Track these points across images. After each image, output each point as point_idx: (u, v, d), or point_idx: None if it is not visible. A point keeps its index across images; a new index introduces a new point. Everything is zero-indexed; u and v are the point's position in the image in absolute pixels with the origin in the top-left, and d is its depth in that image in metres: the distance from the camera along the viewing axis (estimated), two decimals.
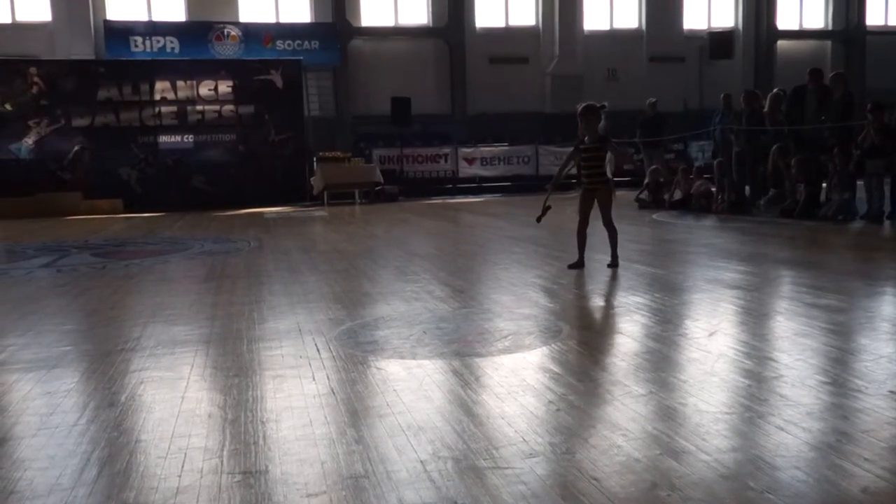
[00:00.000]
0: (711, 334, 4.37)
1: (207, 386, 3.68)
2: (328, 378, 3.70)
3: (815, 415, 3.02)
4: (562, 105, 22.38)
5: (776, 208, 11.53)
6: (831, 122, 10.91)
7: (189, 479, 2.57)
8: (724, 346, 4.12)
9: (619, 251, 6.92)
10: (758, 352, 3.99)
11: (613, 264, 6.76)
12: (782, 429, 2.86)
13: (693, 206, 12.69)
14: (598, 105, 6.79)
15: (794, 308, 5.04)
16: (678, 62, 23.82)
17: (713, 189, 12.93)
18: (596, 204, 6.81)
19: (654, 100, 15.67)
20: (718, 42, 23.84)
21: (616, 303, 5.33)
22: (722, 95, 14.79)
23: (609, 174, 7.04)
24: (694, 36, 24.19)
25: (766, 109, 12.31)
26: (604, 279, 6.38)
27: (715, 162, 12.86)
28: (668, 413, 3.09)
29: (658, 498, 2.34)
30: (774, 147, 11.72)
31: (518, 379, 3.60)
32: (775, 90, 12.71)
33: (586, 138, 6.81)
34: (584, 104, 6.79)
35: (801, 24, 25.71)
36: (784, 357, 3.84)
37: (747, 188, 12.62)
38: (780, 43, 25.14)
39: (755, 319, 4.89)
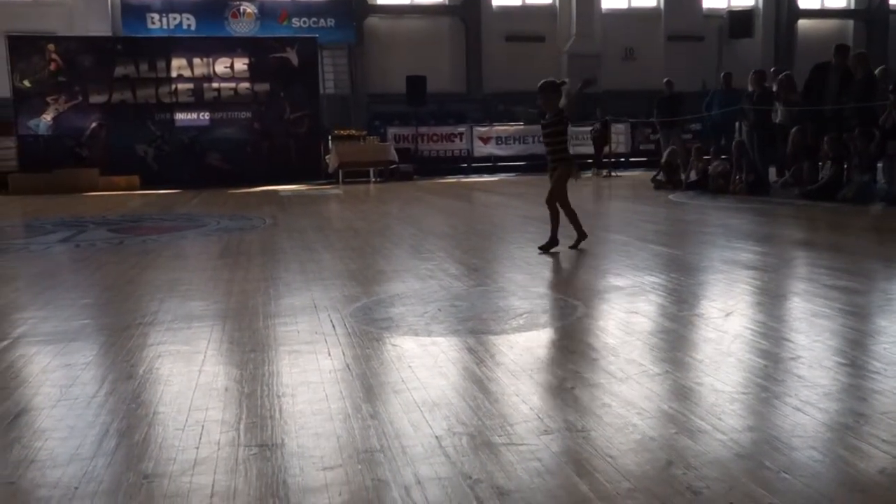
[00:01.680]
0: (728, 315, 4.35)
1: (224, 360, 3.70)
2: (343, 354, 3.72)
3: (832, 396, 3.00)
4: (578, 84, 22.29)
5: (794, 190, 11.44)
6: (853, 103, 10.78)
7: (206, 451, 2.59)
8: (740, 326, 4.10)
9: (635, 230, 6.87)
10: (774, 332, 3.97)
11: (548, 246, 6.63)
12: (799, 409, 2.84)
13: (710, 186, 12.60)
14: (559, 81, 6.75)
15: (812, 289, 5.00)
16: (697, 41, 23.59)
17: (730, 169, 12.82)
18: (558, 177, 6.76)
19: (670, 80, 15.54)
20: (738, 21, 23.58)
21: (631, 282, 5.31)
22: (722, 74, 14.69)
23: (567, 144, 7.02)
24: (713, 14, 23.93)
25: (775, 90, 12.21)
26: (620, 259, 6.36)
27: (733, 142, 12.74)
28: (683, 392, 3.08)
29: (674, 476, 2.33)
30: (794, 128, 11.60)
31: (532, 357, 3.60)
32: (786, 72, 12.59)
33: (547, 115, 6.75)
34: (544, 80, 6.73)
35: (822, 3, 25.37)
36: (801, 338, 3.82)
37: (773, 169, 12.53)
38: (802, 22, 24.82)
39: (772, 300, 4.87)
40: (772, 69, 12.97)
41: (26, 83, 16.90)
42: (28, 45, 17.09)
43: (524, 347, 3.76)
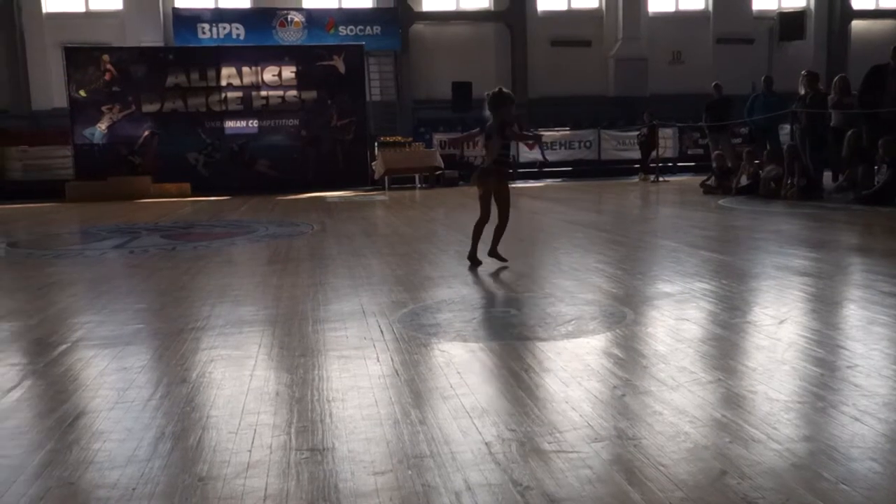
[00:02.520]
0: (781, 322, 4.27)
1: (275, 365, 3.75)
2: (392, 359, 3.74)
3: (891, 405, 2.92)
4: (625, 89, 22.09)
5: (848, 194, 11.18)
6: None
7: (259, 455, 2.63)
8: (794, 334, 4.03)
9: (685, 236, 6.77)
10: (830, 340, 3.89)
11: (492, 254, 6.36)
12: (857, 419, 2.78)
13: (761, 191, 12.38)
14: (505, 91, 6.29)
15: (868, 296, 4.88)
16: (746, 44, 23.21)
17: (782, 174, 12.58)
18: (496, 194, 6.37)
19: (719, 83, 15.31)
20: (789, 22, 23.13)
21: (681, 289, 5.24)
22: (763, 77, 14.42)
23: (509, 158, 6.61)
24: (763, 16, 23.53)
25: (831, 94, 11.95)
26: (669, 265, 6.29)
27: (785, 146, 12.50)
28: (736, 401, 3.03)
29: (728, 486, 2.30)
30: (850, 132, 11.34)
31: (582, 363, 3.58)
32: (840, 74, 12.32)
33: (489, 123, 6.33)
34: (494, 90, 6.33)
35: (877, 3, 24.76)
36: (858, 346, 3.73)
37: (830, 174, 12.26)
38: (855, 23, 24.27)
39: (827, 308, 4.76)
40: (804, 71, 12.65)
41: (82, 93, 17.34)
42: (84, 56, 17.53)
43: (573, 354, 3.74)
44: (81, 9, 20.98)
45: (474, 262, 6.32)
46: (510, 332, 4.23)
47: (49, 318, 4.96)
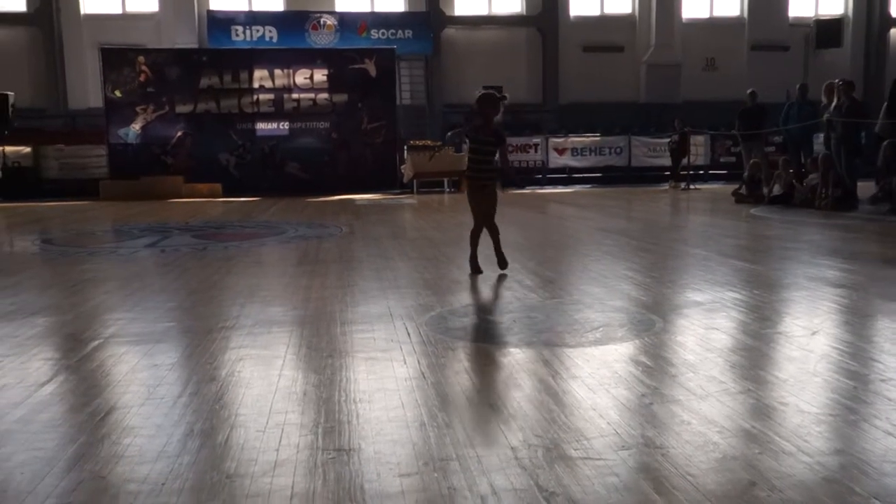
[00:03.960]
0: (813, 333, 4.21)
1: (303, 365, 3.77)
2: (419, 362, 3.74)
3: None
4: (657, 95, 21.95)
5: (884, 205, 11.00)
6: None
7: (286, 454, 2.64)
8: (826, 345, 3.98)
9: (715, 244, 6.71)
10: (863, 353, 3.83)
11: (501, 265, 6.24)
12: (890, 433, 2.73)
13: (796, 200, 12.21)
14: (499, 95, 6.19)
15: None
16: (782, 51, 22.97)
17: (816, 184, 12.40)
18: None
19: (754, 90, 15.14)
20: (826, 30, 22.83)
21: (711, 298, 5.20)
22: (798, 86, 14.21)
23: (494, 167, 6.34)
24: (799, 23, 23.24)
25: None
26: (699, 273, 6.23)
27: (820, 155, 12.33)
28: (766, 412, 2.99)
29: (757, 498, 2.27)
30: (886, 142, 11.17)
31: (609, 371, 3.56)
32: None
33: (481, 130, 6.17)
34: (483, 92, 6.23)
35: None
36: (891, 360, 3.67)
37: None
38: (894, 31, 23.91)
39: (860, 320, 4.69)
40: (837, 80, 12.42)
41: (117, 93, 17.59)
42: (119, 57, 17.79)
43: (601, 361, 3.72)
44: (118, 10, 21.30)
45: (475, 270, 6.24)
46: (538, 338, 4.21)
47: (82, 315, 5.04)
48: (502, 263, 6.26)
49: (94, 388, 3.48)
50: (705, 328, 4.39)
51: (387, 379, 3.48)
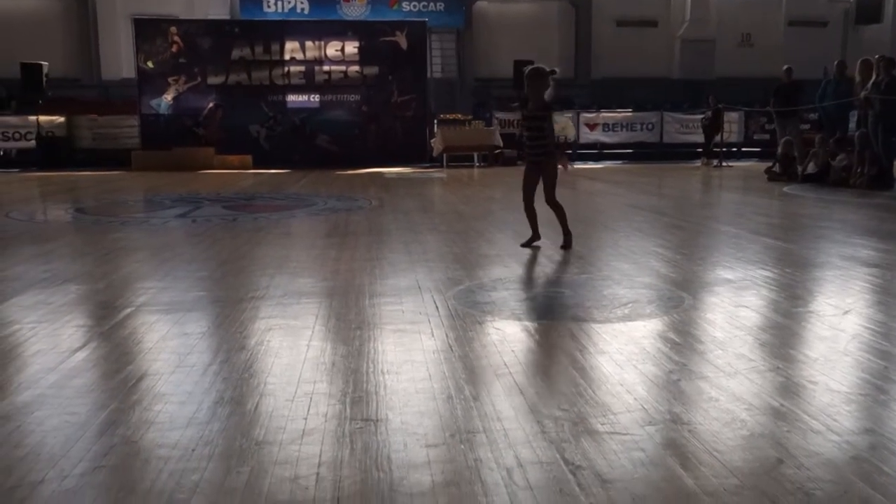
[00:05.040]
0: (845, 313, 4.16)
1: (331, 336, 3.80)
2: (446, 335, 3.76)
3: None
4: (691, 71, 21.60)
5: None
6: None
7: (314, 423, 2.68)
8: (858, 325, 3.92)
9: (747, 222, 6.63)
10: (895, 333, 3.78)
11: (566, 244, 6.16)
12: None
13: (830, 179, 12.00)
14: (548, 70, 6.14)
15: None
16: (820, 27, 22.48)
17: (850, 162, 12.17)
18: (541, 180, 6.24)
19: (790, 67, 14.84)
20: (866, 5, 22.30)
21: (742, 275, 5.14)
22: (836, 63, 13.89)
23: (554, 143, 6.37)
24: None
25: None
26: (730, 251, 6.17)
27: (857, 133, 12.08)
28: (795, 390, 2.97)
29: (784, 475, 2.26)
30: None
31: (637, 347, 3.55)
32: None
33: (530, 104, 6.19)
34: (531, 67, 6.21)
35: None
36: None
37: None
38: None
39: (893, 300, 4.61)
40: (877, 56, 12.11)
41: (150, 64, 17.67)
42: (152, 27, 17.85)
43: (629, 337, 3.71)
44: None
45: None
46: (566, 313, 4.21)
47: (114, 283, 5.12)
48: (567, 241, 6.19)
49: (126, 355, 3.54)
50: (735, 306, 4.35)
51: (414, 351, 3.50)
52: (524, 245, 6.26)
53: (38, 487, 2.24)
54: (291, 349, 3.55)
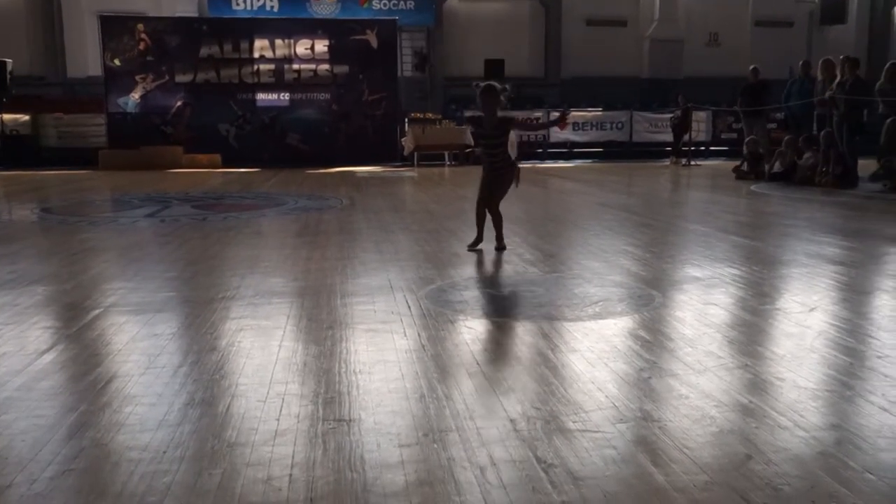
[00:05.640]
0: (811, 310, 4.23)
1: (303, 336, 3.79)
2: (419, 335, 3.76)
3: None
4: (660, 71, 21.80)
5: (885, 183, 10.98)
6: None
7: (287, 424, 2.67)
8: (823, 322, 3.99)
9: (715, 220, 6.71)
10: (860, 330, 3.84)
11: (500, 247, 6.09)
12: (885, 409, 2.76)
13: (797, 178, 12.17)
14: (500, 87, 6.06)
15: None
16: (786, 27, 22.78)
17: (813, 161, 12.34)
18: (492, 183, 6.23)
19: (756, 66, 15.04)
20: (831, 6, 22.64)
21: (710, 273, 5.21)
22: (801, 62, 14.13)
23: (513, 156, 6.32)
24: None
25: (881, 80, 11.69)
26: (699, 249, 6.24)
27: (822, 132, 12.27)
28: (763, 387, 3.02)
29: (753, 471, 2.30)
30: (889, 120, 11.13)
31: (608, 345, 3.58)
32: (890, 62, 12.04)
33: (486, 123, 6.09)
34: (484, 83, 6.14)
35: None
36: (888, 336, 3.70)
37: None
38: None
39: (858, 297, 4.70)
40: (841, 57, 12.34)
41: (116, 62, 17.42)
42: (119, 24, 17.59)
43: (599, 335, 3.74)
44: None
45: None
46: (537, 312, 4.23)
47: (82, 284, 5.05)
48: (500, 245, 6.14)
49: (95, 357, 3.50)
50: (704, 303, 4.41)
51: (387, 350, 3.50)
52: (470, 248, 6.15)
53: (6, 492, 2.21)
54: (263, 350, 3.53)
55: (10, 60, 16.77)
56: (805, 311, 4.21)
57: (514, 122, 6.27)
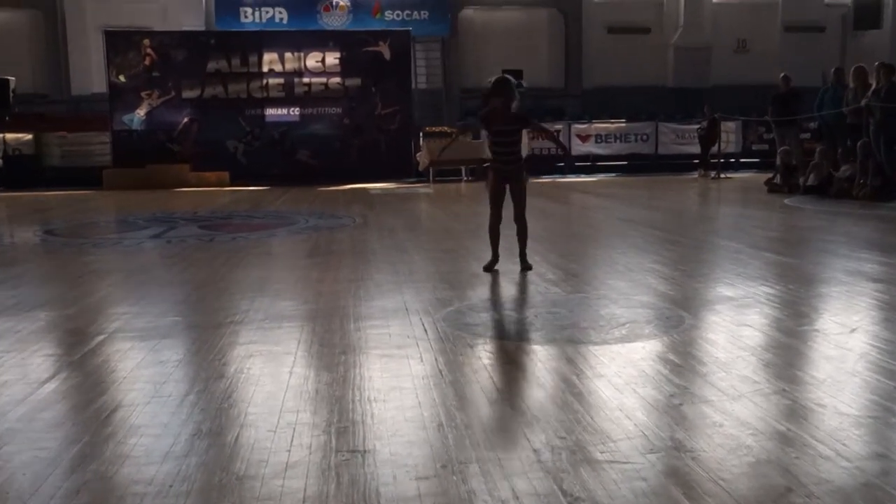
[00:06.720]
0: (852, 331, 4.08)
1: (315, 362, 3.70)
2: (436, 360, 3.66)
3: None
4: (686, 79, 21.47)
5: None
6: None
7: (298, 455, 2.58)
8: (865, 343, 3.85)
9: (747, 236, 6.54)
10: None
11: (526, 267, 5.84)
12: None
13: (833, 190, 11.89)
14: (515, 81, 5.99)
15: None
16: (817, 32, 22.43)
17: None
18: (508, 194, 5.92)
19: (787, 74, 14.76)
20: (865, 10, 22.27)
21: (743, 293, 5.05)
22: (833, 69, 13.87)
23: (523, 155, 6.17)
24: (836, 3, 22.67)
25: None
26: (731, 267, 6.09)
27: (859, 143, 11.99)
28: (802, 413, 2.90)
29: None
30: None
31: (636, 369, 3.46)
32: None
33: (500, 117, 5.89)
34: (498, 76, 6.04)
35: None
36: None
37: None
38: None
39: None
40: (876, 63, 12.07)
41: (121, 78, 17.41)
42: (124, 40, 17.56)
43: (627, 359, 3.62)
44: None
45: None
46: (561, 335, 4.12)
47: (86, 308, 4.97)
48: (525, 264, 5.92)
49: (99, 385, 3.42)
50: (737, 325, 4.27)
51: (402, 377, 3.39)
52: (486, 269, 5.91)
53: None
54: (273, 377, 3.44)
55: (12, 78, 16.72)
56: (845, 332, 4.07)
57: (529, 121, 6.24)
